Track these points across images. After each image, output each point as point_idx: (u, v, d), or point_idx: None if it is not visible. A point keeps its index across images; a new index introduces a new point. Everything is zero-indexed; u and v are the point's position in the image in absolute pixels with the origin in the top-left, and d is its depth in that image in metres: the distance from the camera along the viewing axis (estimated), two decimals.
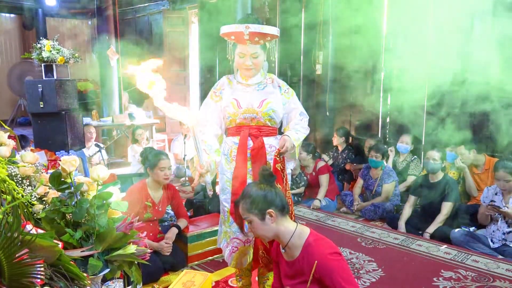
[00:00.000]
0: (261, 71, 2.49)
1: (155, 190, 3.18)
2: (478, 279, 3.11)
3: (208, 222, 3.56)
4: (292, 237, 1.86)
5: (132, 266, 1.45)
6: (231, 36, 2.37)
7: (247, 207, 1.86)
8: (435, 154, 4.05)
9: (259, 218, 1.84)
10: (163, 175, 3.09)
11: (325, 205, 4.82)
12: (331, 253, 1.79)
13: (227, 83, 2.52)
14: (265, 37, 2.34)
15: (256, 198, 1.85)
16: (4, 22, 11.21)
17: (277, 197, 1.87)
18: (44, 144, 4.21)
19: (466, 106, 4.78)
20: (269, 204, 1.84)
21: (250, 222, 1.88)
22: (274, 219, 1.84)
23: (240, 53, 2.38)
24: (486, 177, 4.29)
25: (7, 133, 1.62)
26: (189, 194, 5.34)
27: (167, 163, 3.12)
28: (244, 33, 2.27)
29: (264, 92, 2.43)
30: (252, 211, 1.85)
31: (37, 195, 1.48)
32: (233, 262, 2.50)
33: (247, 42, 2.32)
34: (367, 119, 5.93)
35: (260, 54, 2.39)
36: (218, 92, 2.51)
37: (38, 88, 4.28)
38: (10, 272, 1.03)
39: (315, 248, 1.81)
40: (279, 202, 1.87)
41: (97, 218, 1.40)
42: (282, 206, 1.87)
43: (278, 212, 1.86)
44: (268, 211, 1.83)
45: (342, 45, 5.96)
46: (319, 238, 1.85)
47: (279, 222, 1.87)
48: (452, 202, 3.94)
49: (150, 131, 7.40)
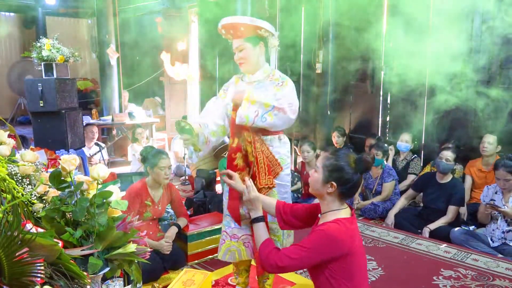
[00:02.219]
0: (264, 68, 2.48)
1: (155, 189, 3.18)
2: (477, 278, 3.11)
3: (208, 221, 3.56)
4: (330, 212, 1.81)
5: (132, 265, 1.45)
6: (224, 37, 2.48)
7: (324, 162, 1.81)
8: (449, 154, 3.98)
9: (323, 178, 1.79)
10: (163, 175, 3.09)
11: None
12: (324, 228, 1.74)
13: (234, 81, 2.60)
14: (238, 28, 2.35)
15: (337, 165, 1.78)
16: (4, 20, 11.19)
17: (352, 182, 1.78)
18: (44, 143, 4.20)
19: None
20: (339, 180, 1.77)
21: (315, 171, 1.84)
22: (332, 193, 1.79)
23: (233, 49, 2.46)
24: (492, 176, 4.26)
25: (7, 132, 1.62)
26: (189, 193, 5.35)
27: (167, 163, 3.11)
28: (219, 29, 2.41)
29: (264, 89, 2.44)
30: (325, 168, 1.79)
31: (37, 194, 1.49)
32: (220, 253, 2.55)
33: (229, 37, 2.42)
34: (367, 118, 5.93)
35: (245, 48, 2.39)
36: (225, 90, 2.60)
37: (38, 87, 4.28)
38: (10, 271, 1.04)
39: (324, 224, 1.78)
40: (349, 187, 1.79)
41: (97, 217, 1.40)
42: (347, 191, 1.80)
43: (340, 192, 1.79)
44: (332, 183, 1.77)
45: (342, 44, 5.96)
46: (342, 222, 1.75)
47: (333, 199, 1.80)
48: (458, 207, 3.93)
49: (150, 130, 7.41)
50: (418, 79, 5.10)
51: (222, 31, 2.42)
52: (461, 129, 4.88)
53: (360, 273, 1.79)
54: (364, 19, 5.64)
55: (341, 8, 5.83)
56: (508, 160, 3.54)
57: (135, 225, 1.48)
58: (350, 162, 1.79)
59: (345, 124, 6.10)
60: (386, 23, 5.46)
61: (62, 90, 4.43)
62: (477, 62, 4.62)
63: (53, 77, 4.35)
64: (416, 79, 5.13)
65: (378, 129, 5.79)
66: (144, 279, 1.82)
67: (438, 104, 4.84)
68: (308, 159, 4.91)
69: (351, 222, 1.78)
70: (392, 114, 5.63)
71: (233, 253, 2.50)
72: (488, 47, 4.58)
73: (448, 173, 4.03)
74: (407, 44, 4.66)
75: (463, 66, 4.63)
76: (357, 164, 1.79)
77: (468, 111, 4.77)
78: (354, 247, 1.76)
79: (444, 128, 5.04)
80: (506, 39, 4.45)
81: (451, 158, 3.97)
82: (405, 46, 4.76)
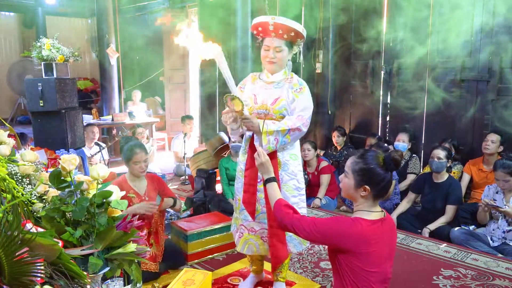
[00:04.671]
0: (284, 70, 2.59)
1: (136, 181, 3.09)
2: (477, 278, 3.11)
3: (208, 220, 3.56)
4: (359, 212, 1.82)
5: (132, 264, 1.45)
6: (259, 28, 2.51)
7: (353, 167, 1.80)
8: (440, 152, 3.97)
9: (354, 183, 1.79)
10: (138, 169, 3.01)
11: (326, 203, 4.82)
12: (339, 218, 1.79)
13: (251, 79, 2.68)
14: (290, 32, 2.43)
15: (367, 169, 1.77)
16: (4, 20, 11.20)
17: (384, 182, 1.78)
18: (44, 142, 4.20)
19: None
20: (371, 182, 1.77)
21: (345, 176, 1.85)
22: (365, 196, 1.79)
23: (265, 46, 2.51)
24: (493, 176, 4.25)
25: (7, 132, 1.62)
26: (189, 192, 5.35)
27: (142, 157, 3.01)
28: (269, 23, 2.41)
29: (280, 91, 2.52)
30: (355, 173, 1.79)
31: (37, 194, 1.49)
32: (239, 247, 2.69)
33: (272, 35, 2.45)
34: (367, 117, 5.93)
35: (283, 50, 2.49)
36: (242, 87, 2.68)
37: (38, 86, 4.27)
38: (10, 270, 1.04)
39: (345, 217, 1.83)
40: (382, 188, 1.79)
41: (97, 217, 1.40)
42: (380, 191, 1.80)
43: (374, 194, 1.79)
44: (365, 187, 1.78)
45: (342, 44, 5.96)
46: (360, 222, 1.75)
47: (367, 200, 1.80)
48: (456, 206, 3.93)
49: (150, 129, 7.41)
50: (419, 77, 5.11)
51: (268, 27, 2.43)
52: (461, 128, 4.88)
53: (367, 278, 1.76)
54: (364, 18, 5.64)
55: (341, 7, 5.83)
56: (507, 160, 3.54)
57: (135, 224, 1.49)
58: (380, 163, 1.78)
59: (345, 124, 6.10)
60: (386, 22, 5.46)
61: (62, 90, 4.43)
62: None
63: (53, 76, 4.35)
64: (416, 77, 5.14)
65: (378, 129, 5.79)
66: (144, 278, 1.82)
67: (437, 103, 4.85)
68: (308, 157, 4.91)
69: (374, 226, 1.77)
70: (392, 113, 5.63)
71: (251, 246, 2.64)
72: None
73: (443, 172, 4.01)
74: (407, 43, 4.66)
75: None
76: (386, 164, 1.78)
77: (467, 109, 4.78)
78: (362, 250, 1.74)
79: (443, 127, 5.04)
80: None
81: (443, 156, 3.94)
82: (405, 44, 4.77)
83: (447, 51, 4.82)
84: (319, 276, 3.11)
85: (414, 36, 5.03)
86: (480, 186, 4.25)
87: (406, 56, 5.11)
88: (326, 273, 3.15)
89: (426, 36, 4.96)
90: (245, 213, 2.63)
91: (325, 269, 3.21)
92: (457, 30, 4.67)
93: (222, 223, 3.48)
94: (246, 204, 2.60)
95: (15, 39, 11.36)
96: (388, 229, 1.84)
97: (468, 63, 4.71)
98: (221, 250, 3.47)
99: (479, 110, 4.69)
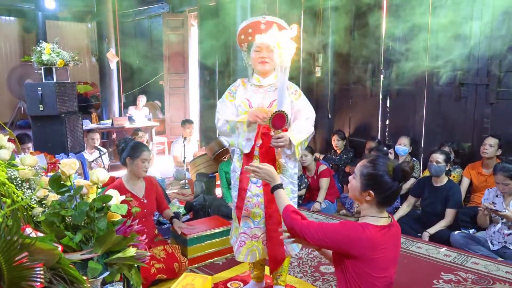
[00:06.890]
0: (275, 74, 2.57)
1: (134, 183, 3.10)
2: (478, 282, 3.11)
3: (208, 225, 3.55)
4: (366, 217, 1.81)
5: (132, 269, 1.45)
6: (249, 30, 2.49)
7: (362, 170, 1.79)
8: (438, 156, 3.96)
9: (360, 186, 1.79)
10: (143, 167, 3.04)
11: (325, 207, 4.82)
12: (348, 223, 1.81)
13: (241, 85, 2.65)
14: (281, 30, 2.42)
15: (375, 175, 1.76)
16: (4, 25, 11.22)
17: (390, 191, 1.76)
18: (43, 147, 4.21)
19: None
20: (377, 189, 1.76)
21: (353, 177, 1.84)
22: (370, 201, 1.78)
23: (256, 47, 2.48)
24: (493, 180, 4.25)
25: (6, 136, 1.62)
26: (188, 196, 5.34)
27: (149, 155, 3.07)
28: (261, 22, 2.43)
29: (275, 93, 2.50)
30: (363, 177, 1.79)
31: (36, 198, 1.48)
32: (241, 256, 2.61)
33: (251, 38, 2.47)
34: (367, 121, 5.93)
35: (273, 49, 2.46)
36: (232, 93, 2.65)
37: (38, 91, 4.28)
38: (9, 275, 1.03)
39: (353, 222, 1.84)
40: (387, 196, 1.77)
41: (97, 221, 1.40)
42: (385, 199, 1.78)
43: (378, 201, 1.78)
44: (369, 192, 1.77)
45: (342, 47, 5.97)
46: (368, 227, 1.75)
47: (371, 206, 1.80)
48: (456, 209, 3.93)
49: (149, 133, 7.41)
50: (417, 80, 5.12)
51: (260, 26, 2.46)
52: (460, 131, 4.89)
53: (373, 283, 1.76)
54: (363, 22, 5.65)
55: (341, 11, 5.85)
56: (506, 164, 3.54)
57: (135, 229, 1.48)
58: (389, 171, 1.76)
59: (344, 127, 6.11)
60: (385, 25, 5.48)
61: (62, 94, 4.44)
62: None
63: (53, 81, 4.36)
64: (415, 81, 5.15)
65: (378, 132, 5.80)
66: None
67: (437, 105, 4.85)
68: (306, 163, 4.91)
69: (382, 232, 1.76)
70: (392, 116, 5.64)
71: (254, 253, 2.60)
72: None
73: (443, 176, 4.01)
74: (407, 46, 4.67)
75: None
76: (395, 173, 1.76)
77: (468, 113, 4.79)
78: (371, 255, 1.73)
79: (442, 131, 5.05)
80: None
81: (442, 160, 3.94)
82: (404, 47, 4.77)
83: (446, 55, 4.83)
84: (319, 280, 3.10)
85: (414, 40, 5.05)
86: (480, 189, 4.25)
87: (406, 59, 5.12)
88: (326, 277, 3.15)
89: (425, 39, 4.98)
90: (246, 220, 2.60)
91: (325, 274, 3.21)
92: (457, 34, 4.69)
93: (222, 227, 3.47)
94: (238, 209, 2.61)
95: (15, 43, 11.37)
96: (394, 234, 1.84)
97: (467, 66, 4.72)
98: (221, 254, 3.47)
99: (479, 113, 4.70)
